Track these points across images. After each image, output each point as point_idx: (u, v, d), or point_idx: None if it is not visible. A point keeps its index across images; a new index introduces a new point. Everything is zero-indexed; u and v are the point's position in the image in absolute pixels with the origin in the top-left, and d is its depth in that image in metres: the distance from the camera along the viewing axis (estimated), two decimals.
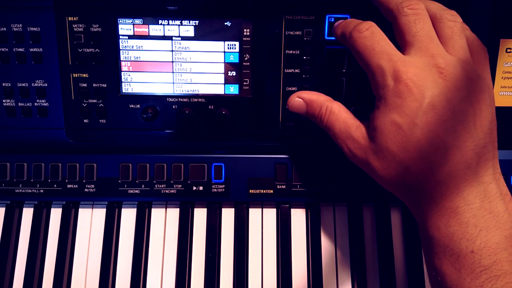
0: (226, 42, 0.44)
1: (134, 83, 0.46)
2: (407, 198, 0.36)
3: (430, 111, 0.32)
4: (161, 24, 0.44)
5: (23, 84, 0.46)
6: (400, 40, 0.36)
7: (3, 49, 0.45)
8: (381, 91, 0.34)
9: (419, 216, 0.35)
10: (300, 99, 0.40)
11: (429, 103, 0.32)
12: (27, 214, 0.49)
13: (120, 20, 0.44)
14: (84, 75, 0.45)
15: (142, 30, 0.44)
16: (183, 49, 0.45)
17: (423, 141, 0.32)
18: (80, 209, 0.49)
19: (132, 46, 0.45)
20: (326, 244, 0.48)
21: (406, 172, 0.33)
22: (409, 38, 0.34)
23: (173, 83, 0.45)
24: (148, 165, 0.47)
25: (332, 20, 0.43)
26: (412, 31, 0.34)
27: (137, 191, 0.47)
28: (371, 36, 0.35)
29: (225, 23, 0.44)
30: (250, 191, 0.47)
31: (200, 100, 0.46)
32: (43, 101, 0.46)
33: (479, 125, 0.33)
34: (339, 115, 0.38)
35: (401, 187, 0.35)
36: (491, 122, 0.34)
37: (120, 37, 0.44)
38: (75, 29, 0.44)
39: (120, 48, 0.45)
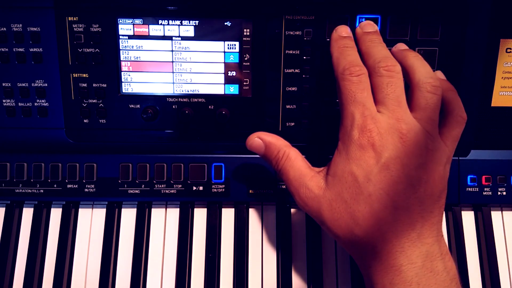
0: (226, 42, 0.44)
1: (134, 83, 0.46)
2: (355, 252, 0.37)
3: (384, 171, 0.34)
4: (161, 24, 0.44)
5: (23, 84, 0.46)
6: (374, 94, 0.37)
7: (3, 49, 0.45)
8: (346, 138, 0.36)
9: (366, 272, 0.36)
10: (259, 139, 0.40)
11: (384, 163, 0.34)
12: (27, 214, 0.49)
13: (120, 20, 0.44)
14: (84, 75, 0.45)
15: (142, 30, 0.44)
16: (183, 49, 0.45)
17: (374, 196, 0.34)
18: (80, 209, 0.49)
19: (132, 46, 0.45)
20: (326, 244, 0.48)
21: (355, 225, 0.35)
22: (380, 98, 0.36)
23: (173, 83, 0.45)
24: (148, 165, 0.47)
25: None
26: (383, 92, 0.36)
27: (137, 191, 0.47)
28: (358, 83, 0.36)
29: (225, 23, 0.44)
30: (250, 191, 0.47)
31: (200, 100, 0.46)
32: (43, 101, 0.46)
33: (429, 192, 0.35)
34: (295, 162, 0.39)
35: (350, 241, 0.36)
36: (442, 191, 0.36)
37: (120, 37, 0.44)
38: (75, 29, 0.44)
39: (120, 48, 0.45)
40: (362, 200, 0.34)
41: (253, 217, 0.49)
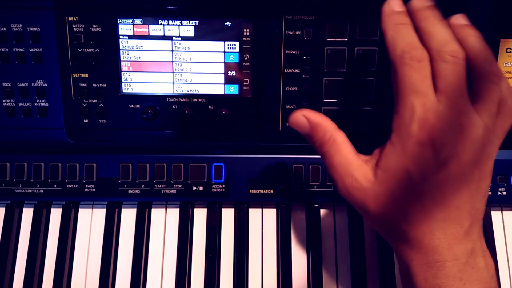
0: (226, 42, 0.44)
1: (134, 83, 0.46)
2: (396, 243, 0.36)
3: (441, 169, 0.32)
4: (161, 24, 0.44)
5: (23, 84, 0.46)
6: (434, 78, 0.33)
7: (3, 49, 0.45)
8: (403, 131, 0.33)
9: (406, 263, 0.35)
10: (304, 118, 0.37)
11: (443, 161, 0.32)
12: (27, 214, 0.49)
13: (120, 20, 0.44)
14: (84, 75, 0.45)
15: (142, 30, 0.44)
16: (183, 49, 0.45)
17: (427, 194, 0.33)
18: (80, 209, 0.49)
19: (132, 46, 0.45)
20: (326, 244, 0.48)
21: (403, 221, 0.34)
22: (443, 87, 0.32)
23: (173, 83, 0.45)
24: (148, 165, 0.47)
25: None
26: (447, 81, 0.32)
27: (137, 191, 0.47)
28: (420, 70, 0.33)
29: (225, 23, 0.44)
30: (250, 191, 0.47)
31: (200, 100, 0.46)
32: (43, 101, 0.46)
33: (480, 189, 0.33)
34: (342, 147, 0.36)
35: (394, 232, 0.35)
36: (488, 186, 0.34)
37: (120, 37, 0.44)
38: (75, 29, 0.44)
39: (120, 48, 0.45)
40: (414, 197, 0.33)
41: (253, 217, 0.49)
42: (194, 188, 0.47)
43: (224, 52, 0.45)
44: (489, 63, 0.33)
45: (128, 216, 0.49)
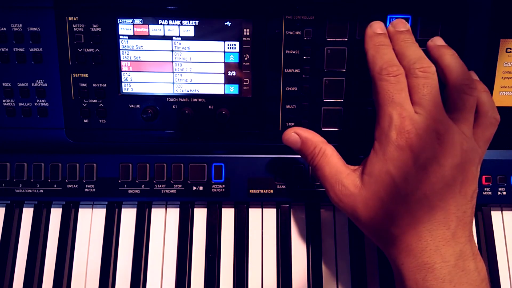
0: (226, 42, 0.44)
1: (134, 83, 0.46)
2: (387, 247, 0.37)
3: (421, 171, 0.34)
4: (161, 24, 0.44)
5: (23, 84, 0.46)
6: (410, 94, 0.37)
7: (3, 49, 0.45)
8: (384, 139, 0.36)
9: (397, 267, 0.36)
10: (296, 135, 0.41)
11: (422, 164, 0.34)
12: (27, 214, 0.49)
13: (120, 20, 0.44)
14: (84, 75, 0.45)
15: (142, 30, 0.44)
16: (183, 49, 0.45)
17: (411, 197, 0.35)
18: (80, 209, 0.49)
19: (132, 46, 0.45)
20: (326, 244, 0.48)
21: (392, 224, 0.35)
22: (417, 99, 0.36)
23: (173, 83, 0.45)
24: (148, 165, 0.47)
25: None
26: (420, 93, 0.36)
27: (137, 191, 0.47)
28: (395, 84, 0.36)
29: (225, 23, 0.44)
30: (250, 191, 0.47)
31: (200, 100, 0.46)
32: (43, 101, 0.46)
33: (463, 193, 0.35)
34: (331, 158, 0.39)
35: (384, 237, 0.36)
36: (474, 191, 0.36)
37: (120, 37, 0.44)
38: (75, 29, 0.44)
39: (120, 48, 0.45)
40: (399, 200, 0.35)
41: (253, 217, 0.49)
42: (194, 188, 0.47)
43: (224, 52, 0.45)
44: (462, 77, 0.37)
45: (128, 216, 0.49)
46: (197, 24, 0.44)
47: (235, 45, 0.45)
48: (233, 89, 0.46)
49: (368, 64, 0.39)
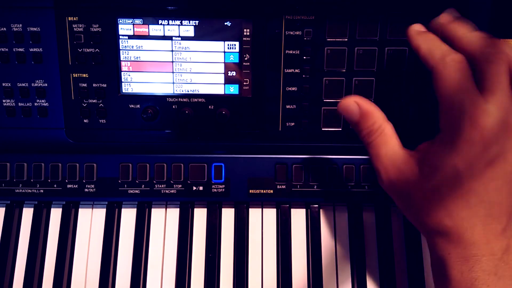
0: (226, 42, 0.44)
1: (134, 83, 0.46)
2: (434, 236, 0.36)
3: (488, 167, 0.33)
4: (161, 24, 0.44)
5: (23, 84, 0.46)
6: (478, 79, 0.34)
7: (3, 49, 0.45)
8: (453, 130, 0.33)
9: (442, 256, 0.35)
10: (356, 104, 0.38)
11: (490, 159, 0.32)
12: (27, 214, 0.49)
13: (120, 20, 0.44)
14: (84, 75, 0.45)
15: (142, 30, 0.44)
16: (183, 49, 0.45)
17: (473, 192, 0.33)
18: (80, 209, 0.49)
19: (132, 46, 0.45)
20: (326, 244, 0.48)
21: (447, 216, 0.34)
22: (489, 86, 0.33)
23: (173, 83, 0.45)
24: (148, 165, 0.47)
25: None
26: (491, 81, 0.33)
27: (137, 191, 0.47)
28: (462, 70, 0.34)
29: (225, 23, 0.44)
30: (250, 191, 0.47)
31: (200, 100, 0.46)
32: (43, 101, 0.46)
33: None
34: (390, 139, 0.37)
35: (434, 227, 0.35)
36: None
37: (120, 37, 0.44)
38: (75, 29, 0.44)
39: (120, 48, 0.45)
40: (460, 194, 0.33)
41: (253, 217, 0.49)
42: (194, 188, 0.47)
43: (224, 52, 0.45)
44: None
45: (128, 216, 0.49)
46: (197, 24, 0.44)
47: (235, 45, 0.45)
48: (233, 89, 0.46)
49: (424, 59, 0.36)
